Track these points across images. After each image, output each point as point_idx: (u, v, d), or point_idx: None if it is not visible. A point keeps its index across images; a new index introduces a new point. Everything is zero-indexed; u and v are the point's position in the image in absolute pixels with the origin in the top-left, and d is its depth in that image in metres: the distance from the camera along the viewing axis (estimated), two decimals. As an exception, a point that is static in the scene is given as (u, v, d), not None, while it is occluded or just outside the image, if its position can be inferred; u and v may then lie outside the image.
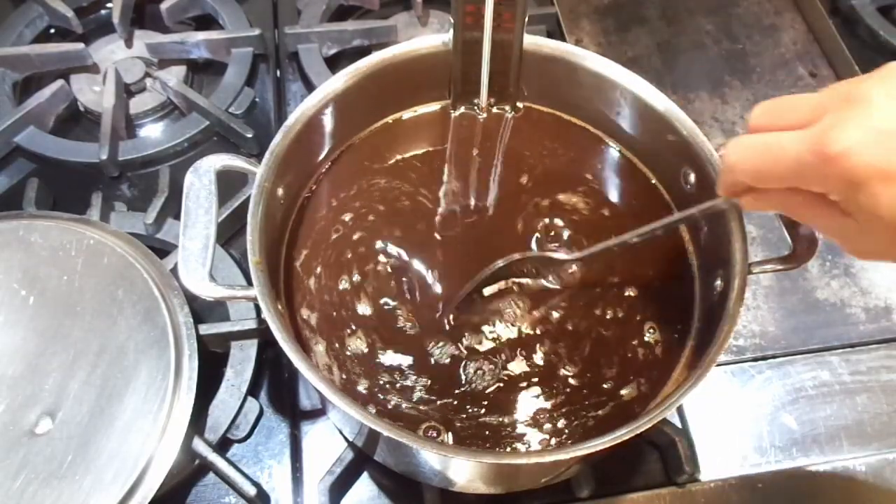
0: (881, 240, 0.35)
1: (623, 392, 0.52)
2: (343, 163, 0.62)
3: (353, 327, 0.54)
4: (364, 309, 0.54)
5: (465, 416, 0.50)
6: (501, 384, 0.52)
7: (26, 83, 0.83)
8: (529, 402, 0.51)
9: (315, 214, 0.59)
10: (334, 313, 0.54)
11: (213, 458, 0.57)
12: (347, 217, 0.59)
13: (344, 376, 0.52)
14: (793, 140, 0.35)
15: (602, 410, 0.51)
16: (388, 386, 0.51)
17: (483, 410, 0.51)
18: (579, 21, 0.88)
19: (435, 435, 0.49)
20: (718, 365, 0.48)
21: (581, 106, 0.62)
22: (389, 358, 0.52)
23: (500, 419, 0.50)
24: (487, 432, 0.50)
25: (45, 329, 0.57)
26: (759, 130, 0.38)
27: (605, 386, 0.52)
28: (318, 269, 0.56)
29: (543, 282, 0.56)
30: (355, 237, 0.58)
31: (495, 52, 0.57)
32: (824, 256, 0.71)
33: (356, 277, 0.56)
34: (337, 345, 0.53)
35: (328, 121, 0.58)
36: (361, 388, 0.51)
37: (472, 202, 0.60)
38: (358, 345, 0.53)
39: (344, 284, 0.55)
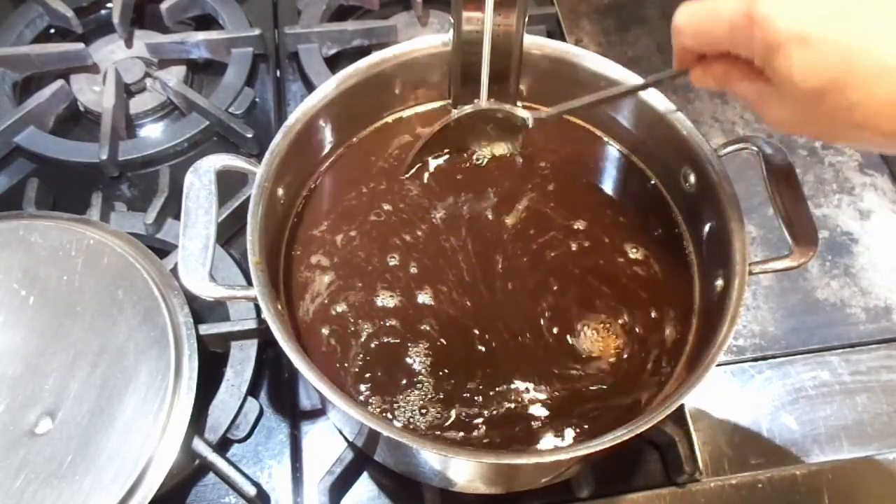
0: (794, 107, 0.39)
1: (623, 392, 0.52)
2: (343, 163, 0.62)
3: (356, 323, 0.54)
4: (365, 307, 0.54)
5: (464, 414, 0.51)
6: (503, 385, 0.52)
7: (26, 83, 0.83)
8: (529, 402, 0.51)
9: (315, 214, 0.59)
10: (335, 312, 0.54)
11: (213, 458, 0.57)
12: (348, 216, 0.59)
13: (344, 373, 0.52)
14: (729, 4, 0.40)
15: (602, 411, 0.51)
16: (387, 381, 0.51)
17: (484, 411, 0.51)
18: (579, 21, 0.88)
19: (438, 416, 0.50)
20: (718, 365, 0.48)
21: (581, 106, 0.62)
22: (390, 353, 0.53)
23: (502, 417, 0.51)
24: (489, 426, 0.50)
25: (45, 329, 0.57)
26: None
27: (604, 386, 0.52)
28: (319, 269, 0.56)
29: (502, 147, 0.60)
30: (355, 237, 0.58)
31: (495, 52, 0.57)
32: (824, 256, 0.71)
33: (356, 276, 0.56)
34: (337, 340, 0.53)
35: (328, 121, 0.58)
36: (362, 385, 0.51)
37: (472, 201, 0.60)
38: (359, 341, 0.53)
39: (346, 282, 0.55)
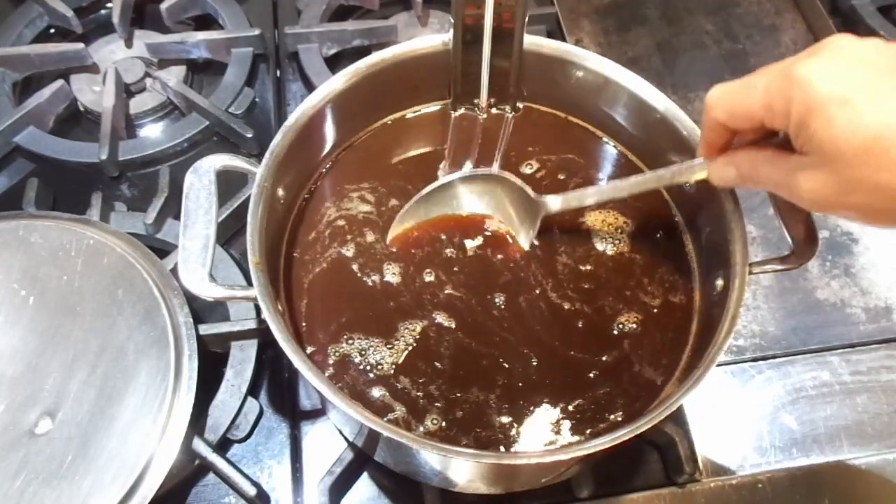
0: (835, 177, 0.37)
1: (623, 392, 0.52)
2: (343, 163, 0.62)
3: (354, 326, 0.54)
4: (365, 306, 0.55)
5: (463, 412, 0.51)
6: (503, 385, 0.52)
7: (26, 83, 0.83)
8: (529, 402, 0.51)
9: (315, 214, 0.59)
10: (335, 312, 0.54)
11: (213, 458, 0.57)
12: (348, 216, 0.59)
13: (342, 372, 0.52)
14: (763, 75, 0.40)
15: (602, 411, 0.51)
16: (385, 382, 0.51)
17: (483, 410, 0.51)
18: (579, 21, 0.88)
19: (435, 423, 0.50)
20: (718, 365, 0.48)
21: (581, 106, 0.62)
22: (390, 353, 0.52)
23: (503, 419, 0.51)
24: (488, 428, 0.50)
25: (45, 329, 0.57)
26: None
27: (604, 386, 0.52)
28: (319, 269, 0.56)
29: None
30: (356, 237, 0.58)
31: (495, 51, 0.57)
32: (824, 256, 0.71)
33: (357, 276, 0.56)
34: (336, 343, 0.53)
35: (328, 121, 0.58)
36: (360, 386, 0.51)
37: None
38: (358, 343, 0.53)
39: (345, 283, 0.55)
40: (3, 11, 0.86)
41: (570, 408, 0.51)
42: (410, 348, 0.53)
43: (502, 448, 0.49)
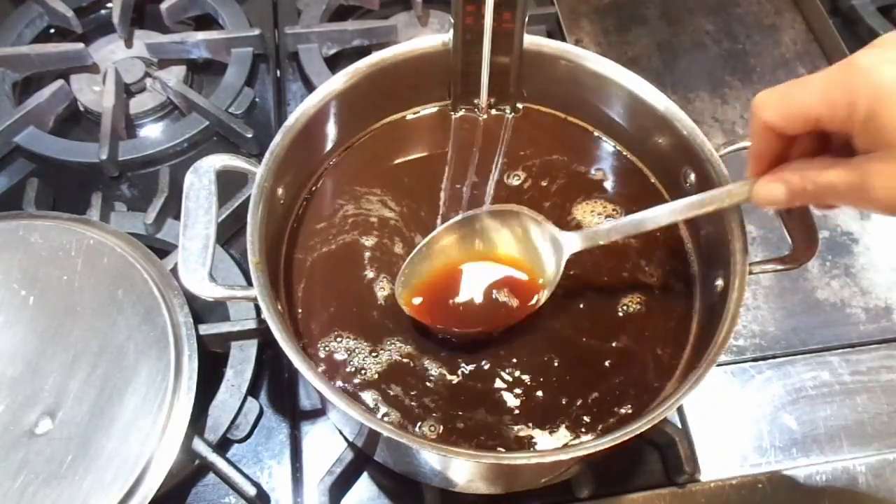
0: None
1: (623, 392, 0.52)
2: (343, 163, 0.62)
3: (354, 326, 0.54)
4: (366, 307, 0.55)
5: (463, 413, 0.51)
6: (503, 384, 0.52)
7: (26, 83, 0.83)
8: (528, 402, 0.51)
9: (315, 214, 0.59)
10: (335, 312, 0.54)
11: (213, 458, 0.57)
12: (348, 217, 0.59)
13: (343, 372, 0.52)
14: (819, 73, 0.36)
15: (602, 411, 0.51)
16: (386, 384, 0.51)
17: (483, 410, 0.51)
18: (579, 21, 0.88)
19: (431, 430, 0.50)
20: (718, 365, 0.48)
21: (581, 106, 0.62)
22: (391, 355, 0.52)
23: (500, 419, 0.51)
24: (487, 432, 0.50)
25: (45, 329, 0.57)
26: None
27: (604, 386, 0.52)
28: (319, 269, 0.56)
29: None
30: (356, 237, 0.58)
31: (495, 51, 0.57)
32: (824, 256, 0.71)
33: (357, 276, 0.56)
34: (336, 343, 0.53)
35: (328, 121, 0.58)
36: (359, 388, 0.51)
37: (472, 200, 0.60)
38: (359, 344, 0.53)
39: (345, 284, 0.55)
40: (3, 11, 0.86)
41: (569, 410, 0.51)
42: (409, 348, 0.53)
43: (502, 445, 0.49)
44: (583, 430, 0.50)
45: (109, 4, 0.86)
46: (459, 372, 0.52)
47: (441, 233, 0.54)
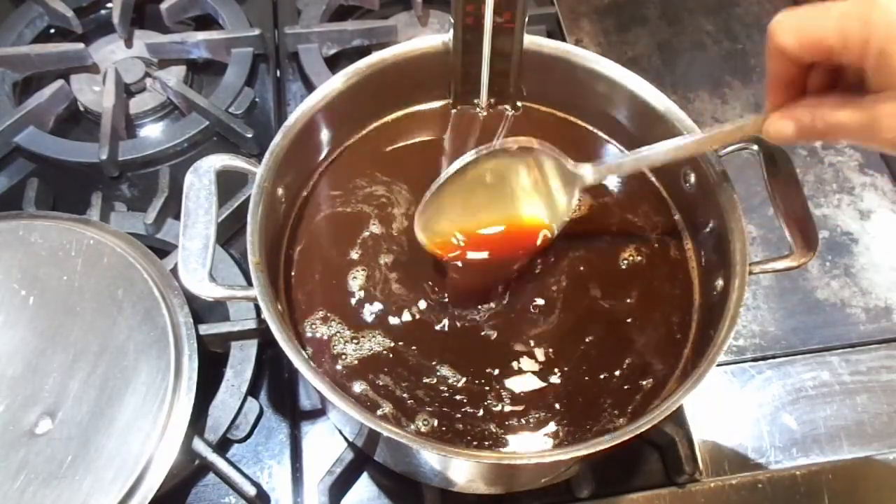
0: None
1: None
2: (343, 163, 0.62)
3: (355, 325, 0.54)
4: (366, 306, 0.55)
5: (462, 413, 0.51)
6: (502, 383, 0.52)
7: (26, 83, 0.83)
8: (527, 401, 0.51)
9: (315, 214, 0.59)
10: (335, 311, 0.54)
11: (213, 458, 0.57)
12: (348, 217, 0.59)
13: (343, 371, 0.52)
14: (841, 2, 0.36)
15: (602, 411, 0.51)
16: (391, 380, 0.51)
17: (482, 409, 0.51)
18: (579, 21, 0.88)
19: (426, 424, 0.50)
20: (718, 365, 0.48)
21: (581, 106, 0.62)
22: (391, 353, 0.53)
23: (499, 417, 0.51)
24: (486, 433, 0.50)
25: (45, 329, 0.57)
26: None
27: (604, 387, 0.52)
28: (319, 269, 0.56)
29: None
30: (356, 237, 0.58)
31: (495, 51, 0.57)
32: (824, 256, 0.71)
33: (358, 276, 0.56)
34: (336, 342, 0.53)
35: (328, 121, 0.58)
36: (359, 385, 0.51)
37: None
38: (360, 343, 0.53)
39: (345, 284, 0.56)
40: (3, 11, 0.86)
41: (568, 408, 0.51)
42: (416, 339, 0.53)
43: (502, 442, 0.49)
44: (583, 429, 0.50)
45: (109, 4, 0.86)
46: (462, 372, 0.52)
47: (456, 172, 0.53)
